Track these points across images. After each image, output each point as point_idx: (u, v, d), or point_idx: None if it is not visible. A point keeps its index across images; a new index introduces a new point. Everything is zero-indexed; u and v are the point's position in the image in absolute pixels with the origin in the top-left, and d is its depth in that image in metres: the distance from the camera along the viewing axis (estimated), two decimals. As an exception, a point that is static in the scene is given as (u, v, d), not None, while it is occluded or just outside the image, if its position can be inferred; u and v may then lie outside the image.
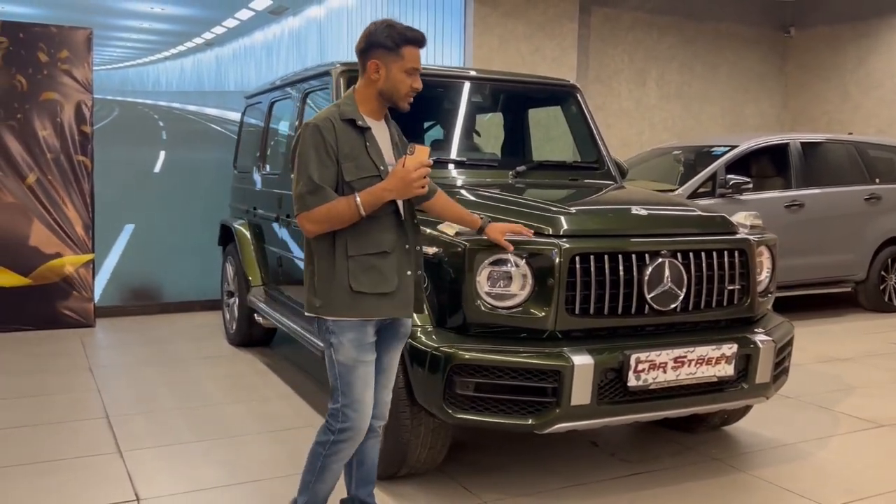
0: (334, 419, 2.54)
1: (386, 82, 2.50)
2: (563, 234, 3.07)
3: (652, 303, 3.12)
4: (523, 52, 8.47)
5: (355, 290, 2.45)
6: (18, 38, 6.29)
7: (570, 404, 2.93)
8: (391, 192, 2.40)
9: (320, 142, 2.42)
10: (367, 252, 2.46)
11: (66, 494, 3.21)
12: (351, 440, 2.56)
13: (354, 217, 2.40)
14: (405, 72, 2.50)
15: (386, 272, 2.49)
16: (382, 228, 2.49)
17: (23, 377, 4.96)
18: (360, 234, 2.45)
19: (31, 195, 6.35)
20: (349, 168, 2.44)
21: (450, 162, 4.29)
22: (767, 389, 3.35)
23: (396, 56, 2.48)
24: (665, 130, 9.84)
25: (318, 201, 2.40)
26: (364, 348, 2.51)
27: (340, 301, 2.46)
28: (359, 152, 2.47)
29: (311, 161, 2.42)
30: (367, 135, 2.50)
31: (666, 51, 9.78)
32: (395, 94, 2.52)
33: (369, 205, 2.40)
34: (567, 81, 4.89)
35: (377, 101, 2.55)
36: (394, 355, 2.71)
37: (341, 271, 2.45)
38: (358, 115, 2.50)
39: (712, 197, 6.88)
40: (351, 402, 2.52)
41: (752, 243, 3.39)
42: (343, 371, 2.51)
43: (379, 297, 2.48)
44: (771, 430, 4.15)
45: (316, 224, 2.42)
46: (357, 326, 2.49)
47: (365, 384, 2.53)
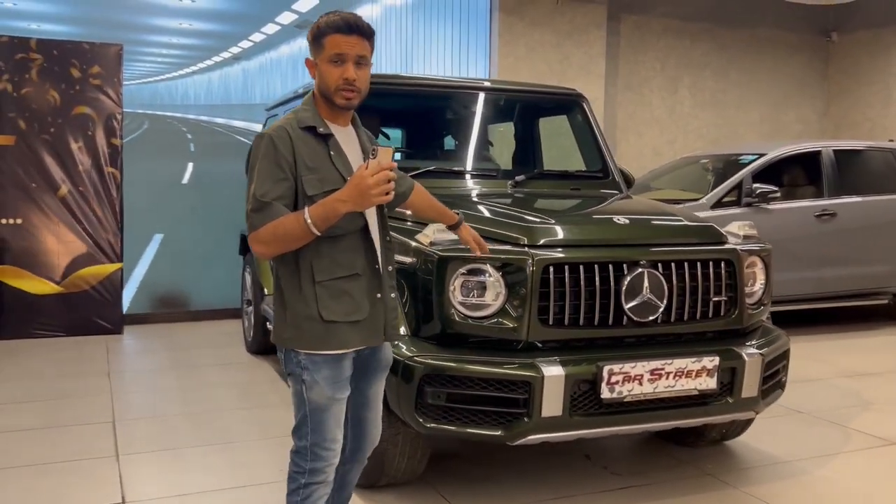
0: (302, 458, 2.30)
1: (319, 79, 2.26)
2: (537, 244, 3.05)
3: (630, 314, 3.08)
4: (550, 61, 8.44)
5: (326, 319, 2.20)
6: (52, 54, 6.53)
7: (542, 416, 2.90)
8: (346, 204, 2.09)
9: (271, 154, 2.18)
10: (337, 276, 2.22)
11: (55, 496, 3.31)
12: (324, 481, 2.32)
13: (306, 235, 2.12)
14: (330, 62, 2.21)
15: (357, 297, 2.25)
16: (351, 248, 2.25)
17: (42, 381, 5.13)
18: (325, 256, 2.21)
19: (63, 206, 6.57)
20: (311, 181, 2.18)
21: (448, 172, 4.30)
22: (756, 404, 3.27)
23: (320, 48, 2.23)
24: (699, 139, 9.68)
25: (263, 220, 2.14)
26: (339, 385, 2.28)
27: (311, 332, 2.22)
28: (321, 163, 2.21)
29: (259, 176, 2.17)
30: (331, 142, 2.26)
31: (699, 57, 9.63)
32: (326, 89, 2.23)
33: (321, 219, 2.10)
34: (573, 90, 4.86)
35: (325, 105, 2.28)
36: (377, 388, 2.50)
37: (309, 299, 2.20)
38: (319, 122, 2.25)
39: (738, 206, 6.74)
40: (322, 440, 2.28)
41: (739, 254, 3.31)
42: (315, 410, 2.26)
43: (351, 326, 2.24)
44: (774, 446, 4.04)
45: (264, 245, 2.16)
46: (332, 361, 2.24)
47: (337, 422, 2.30)
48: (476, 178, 4.31)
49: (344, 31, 2.20)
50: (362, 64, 2.23)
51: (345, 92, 2.22)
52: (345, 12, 2.26)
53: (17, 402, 4.69)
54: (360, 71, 2.22)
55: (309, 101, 2.32)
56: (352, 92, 2.23)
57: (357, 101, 2.27)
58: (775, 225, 6.80)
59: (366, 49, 2.24)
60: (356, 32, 2.22)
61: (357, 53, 2.21)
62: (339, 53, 2.19)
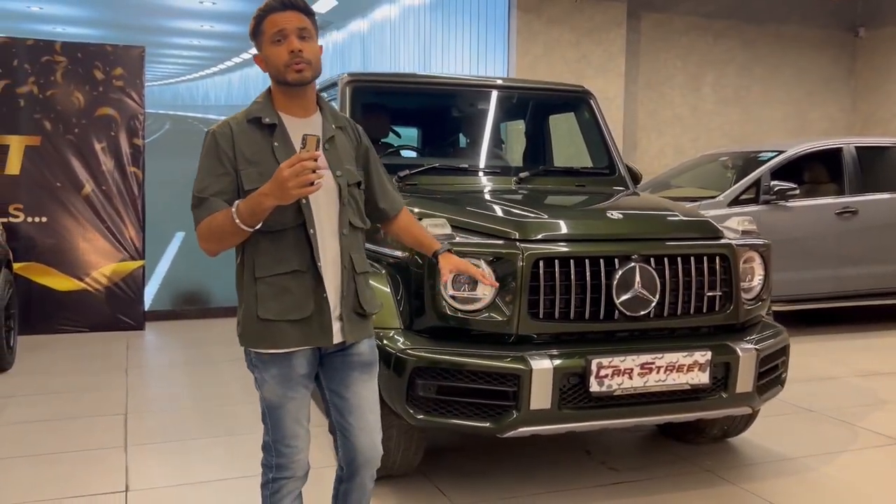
0: (268, 453, 2.29)
1: (268, 67, 2.19)
2: (528, 238, 3.07)
3: (622, 308, 3.09)
4: (569, 60, 8.44)
5: (261, 317, 2.15)
6: (77, 57, 6.69)
7: (530, 409, 2.92)
8: (269, 197, 2.00)
9: (213, 149, 2.15)
10: (276, 272, 2.15)
11: (62, 483, 3.42)
12: (292, 476, 2.28)
13: (237, 230, 2.06)
14: (272, 42, 2.15)
15: (298, 295, 2.16)
16: (289, 244, 2.16)
17: (61, 376, 5.27)
18: (263, 251, 2.15)
19: (87, 205, 6.73)
20: (250, 175, 2.13)
21: (453, 169, 4.34)
22: (751, 399, 3.25)
23: (261, 34, 2.18)
24: (723, 136, 9.59)
25: (201, 215, 2.11)
26: (292, 383, 2.21)
27: (251, 330, 2.18)
28: (263, 156, 2.15)
29: (200, 172, 2.16)
30: (277, 133, 2.18)
31: (723, 54, 9.54)
32: (276, 71, 2.16)
33: (248, 213, 2.03)
34: (580, 87, 4.87)
35: (283, 93, 2.20)
36: (359, 390, 2.31)
37: (250, 296, 2.17)
38: (268, 113, 2.18)
39: (756, 204, 6.67)
40: (281, 437, 2.25)
41: (735, 249, 3.30)
42: (269, 407, 2.24)
43: (290, 325, 2.16)
44: (778, 444, 4.00)
45: (204, 241, 2.13)
46: (279, 360, 2.18)
47: (295, 418, 2.24)
48: (481, 175, 4.34)
49: (280, 10, 2.16)
50: (306, 38, 2.16)
51: (295, 65, 2.13)
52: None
53: (35, 395, 4.82)
54: (305, 44, 2.15)
55: (264, 94, 2.27)
56: (301, 64, 2.13)
57: (309, 73, 2.16)
58: (794, 223, 6.73)
59: (306, 23, 2.18)
60: (292, 8, 2.16)
61: (297, 26, 2.15)
62: (279, 30, 2.14)
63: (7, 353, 5.37)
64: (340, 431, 2.37)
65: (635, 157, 9.17)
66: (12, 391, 4.89)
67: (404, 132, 5.30)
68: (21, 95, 6.55)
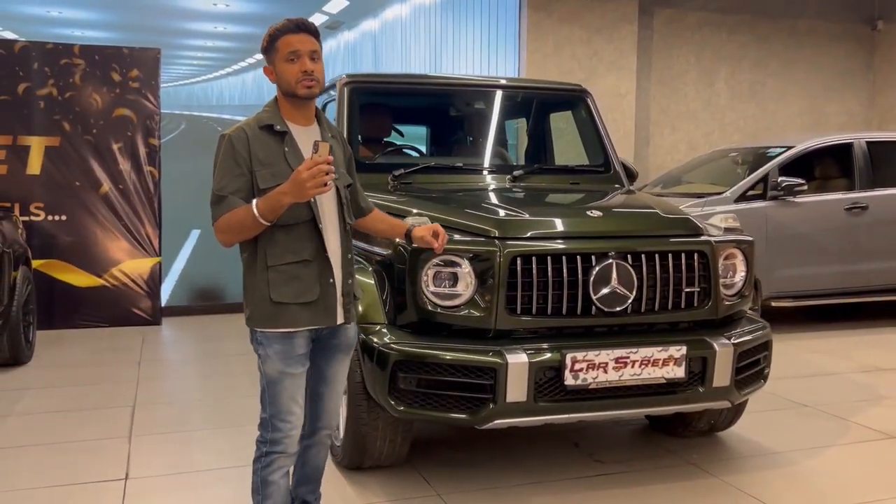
0: (264, 429, 2.54)
1: (279, 81, 2.47)
2: (506, 236, 3.16)
3: (598, 304, 3.16)
4: (580, 57, 8.48)
5: (275, 300, 2.42)
6: (94, 59, 6.89)
7: (506, 401, 3.01)
8: (287, 196, 2.30)
9: (230, 152, 2.41)
10: (287, 262, 2.44)
11: (65, 471, 3.58)
12: (284, 452, 2.53)
13: (256, 225, 2.35)
14: (286, 61, 2.42)
15: (307, 281, 2.46)
16: (299, 237, 2.45)
17: (76, 368, 5.47)
18: (277, 243, 2.43)
19: (105, 203, 6.93)
20: (264, 175, 2.41)
21: (447, 168, 4.44)
22: (729, 394, 3.31)
23: (275, 52, 2.45)
24: (737, 132, 9.57)
25: (220, 211, 2.39)
26: (292, 360, 2.48)
27: (263, 312, 2.45)
28: (275, 159, 2.43)
29: (218, 171, 2.42)
30: (287, 139, 2.47)
31: (736, 49, 9.51)
32: (287, 86, 2.44)
33: (268, 210, 2.32)
34: (577, 86, 4.93)
35: (290, 104, 2.50)
36: (337, 367, 2.67)
37: (262, 282, 2.44)
38: (277, 121, 2.47)
39: (763, 200, 6.68)
40: (278, 412, 2.50)
41: (714, 246, 3.35)
42: (270, 382, 2.50)
43: (301, 307, 2.45)
44: (767, 438, 4.05)
45: (223, 234, 2.41)
46: (283, 338, 2.46)
47: (292, 396, 2.51)
48: (477, 174, 4.43)
49: (294, 31, 2.44)
50: (315, 59, 2.44)
51: (305, 82, 2.42)
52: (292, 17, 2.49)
53: (50, 387, 5.01)
54: (315, 64, 2.44)
55: (272, 104, 2.56)
56: (311, 81, 2.43)
57: (318, 89, 2.46)
58: (802, 218, 6.72)
59: (316, 45, 2.46)
60: (304, 31, 2.45)
61: (309, 49, 2.43)
62: (294, 51, 2.42)
63: (25, 348, 5.57)
64: (310, 398, 2.69)
65: (648, 153, 9.20)
66: (29, 383, 5.08)
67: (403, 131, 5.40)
68: (41, 97, 6.77)
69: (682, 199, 6.85)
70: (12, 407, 4.58)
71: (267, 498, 2.56)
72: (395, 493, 3.36)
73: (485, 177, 4.42)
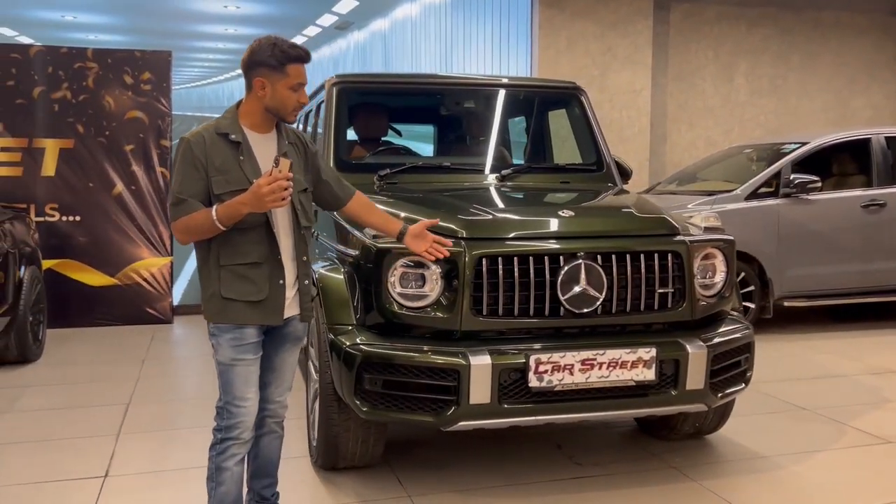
0: (219, 417, 2.65)
1: (272, 99, 2.56)
2: (473, 237, 3.13)
3: (567, 305, 3.12)
4: (593, 53, 8.39)
5: (224, 296, 2.54)
6: (107, 63, 7.02)
7: (470, 403, 2.99)
8: (247, 207, 2.43)
9: (189, 155, 2.51)
10: (238, 262, 2.55)
11: (48, 468, 3.65)
12: (238, 438, 2.63)
13: (214, 228, 2.47)
14: (290, 88, 2.56)
15: (257, 281, 2.56)
16: (252, 241, 2.55)
17: (81, 366, 5.57)
18: (230, 245, 2.54)
19: (118, 204, 7.05)
20: (219, 181, 2.51)
21: (435, 167, 4.42)
22: (704, 397, 3.24)
23: (281, 74, 2.54)
24: (757, 127, 9.37)
25: (180, 212, 2.50)
26: (242, 349, 2.59)
27: (214, 306, 2.58)
28: (230, 166, 2.53)
29: (177, 174, 2.52)
30: (242, 149, 2.56)
31: (757, 43, 9.31)
32: (281, 110, 2.59)
33: (226, 217, 2.45)
34: (571, 83, 4.87)
35: (262, 115, 2.60)
36: (285, 357, 2.77)
37: (214, 279, 2.56)
38: (234, 129, 2.56)
39: (775, 197, 6.54)
40: (232, 398, 2.61)
41: (689, 246, 3.28)
42: (222, 370, 2.62)
43: (248, 305, 2.56)
44: (756, 442, 3.96)
45: (181, 234, 2.54)
46: (233, 329, 2.58)
47: (245, 382, 2.61)
48: (465, 173, 4.39)
49: (305, 62, 2.60)
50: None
51: (295, 112, 2.63)
52: (295, 43, 2.62)
53: (52, 385, 5.12)
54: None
55: (232, 110, 2.64)
56: (299, 110, 2.65)
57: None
58: (816, 216, 6.57)
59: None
60: (308, 62, 2.62)
61: (307, 81, 2.62)
62: (301, 83, 2.59)
63: (34, 346, 5.69)
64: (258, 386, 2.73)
65: (665, 150, 9.07)
66: (32, 381, 5.20)
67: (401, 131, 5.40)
68: (55, 100, 6.91)
69: (693, 197, 6.76)
70: (12, 404, 4.69)
71: (220, 484, 2.65)
72: (366, 495, 3.35)
73: (473, 176, 4.39)
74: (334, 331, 3.24)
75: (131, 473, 3.61)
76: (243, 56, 2.62)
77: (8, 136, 6.82)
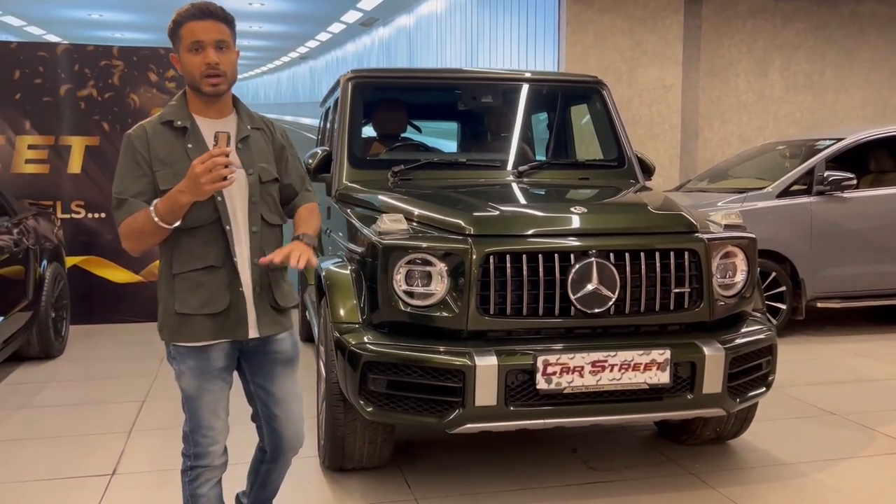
0: (186, 443, 2.41)
1: (184, 71, 2.24)
2: (480, 233, 3.04)
3: (578, 305, 3.01)
4: (622, 48, 8.23)
5: (178, 311, 2.24)
6: (132, 61, 7.05)
7: (475, 405, 2.90)
8: (185, 194, 2.10)
9: (129, 152, 2.23)
10: (192, 268, 2.24)
11: (56, 465, 3.64)
12: (209, 464, 2.40)
13: (156, 228, 2.15)
14: (189, 51, 2.20)
15: (214, 289, 2.25)
16: (205, 241, 2.25)
17: (101, 362, 5.59)
18: (181, 248, 2.24)
19: (143, 201, 7.08)
20: (165, 175, 2.21)
21: (451, 163, 4.34)
22: (721, 401, 3.10)
23: (178, 39, 2.22)
24: (793, 124, 9.13)
25: (121, 216, 2.21)
26: (208, 376, 2.32)
27: (169, 324, 2.28)
28: (178, 157, 2.23)
29: (118, 173, 2.24)
30: (190, 135, 2.26)
31: (792, 38, 9.06)
32: (192, 79, 2.23)
33: (166, 211, 2.12)
34: (592, 77, 4.75)
35: (198, 99, 2.28)
36: (283, 383, 2.46)
37: (168, 292, 2.27)
38: (181, 115, 2.27)
39: (808, 195, 6.34)
40: (197, 427, 2.36)
41: (707, 244, 3.16)
42: (187, 398, 2.36)
43: (206, 318, 2.25)
44: (779, 448, 3.81)
45: (126, 240, 2.23)
46: (196, 353, 2.29)
47: (212, 412, 2.35)
48: (482, 170, 4.29)
49: (198, 18, 2.20)
50: (223, 48, 2.22)
51: (209, 78, 2.20)
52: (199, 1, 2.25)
53: (71, 381, 5.14)
54: (222, 55, 2.21)
55: (180, 96, 2.34)
56: (217, 77, 2.20)
57: (225, 86, 2.25)
58: (852, 214, 6.35)
59: (224, 34, 2.22)
60: (211, 17, 2.21)
61: (214, 38, 2.19)
62: (197, 41, 2.19)
63: (56, 342, 5.73)
64: (266, 421, 2.53)
65: (697, 147, 8.87)
66: (52, 376, 5.22)
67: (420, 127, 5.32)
68: (82, 98, 6.96)
69: (723, 195, 6.58)
70: (30, 399, 4.71)
71: None
72: (373, 497, 3.28)
73: (490, 173, 4.29)
74: (340, 329, 3.17)
75: (139, 472, 3.58)
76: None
77: (35, 133, 6.88)
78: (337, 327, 3.20)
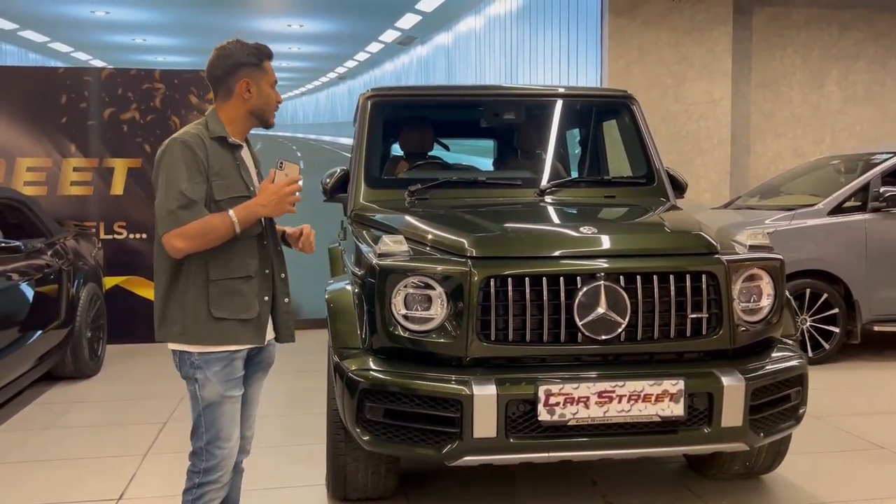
0: (198, 458, 2.43)
1: (258, 99, 2.44)
2: (480, 256, 2.90)
3: (585, 331, 2.84)
4: (667, 62, 7.99)
5: (216, 316, 2.35)
6: (173, 83, 7.15)
7: (474, 437, 2.75)
8: (265, 209, 2.37)
9: (190, 157, 2.32)
10: (231, 276, 2.38)
11: (65, 488, 3.62)
12: (218, 481, 2.44)
13: (229, 233, 2.32)
14: (271, 86, 2.50)
15: (248, 297, 2.41)
16: (247, 252, 2.42)
17: (133, 383, 5.61)
18: (222, 257, 2.36)
19: (183, 222, 7.15)
20: (219, 186, 2.37)
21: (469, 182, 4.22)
22: (743, 435, 2.87)
23: (262, 72, 2.45)
24: (851, 137, 8.72)
25: (191, 217, 2.29)
26: (232, 383, 2.42)
27: (201, 329, 2.35)
28: (229, 171, 2.41)
29: (182, 176, 2.31)
30: (238, 154, 2.47)
31: (850, 48, 8.68)
32: (266, 109, 2.49)
33: (244, 220, 2.34)
34: (621, 92, 4.58)
35: (245, 122, 2.48)
36: (257, 388, 2.66)
37: (201, 296, 2.35)
38: (228, 134, 2.44)
39: (863, 212, 6.01)
40: (216, 437, 2.41)
41: (727, 266, 2.95)
42: (209, 407, 2.40)
43: (239, 324, 2.39)
44: (817, 484, 3.54)
45: (188, 241, 2.29)
46: (224, 359, 2.39)
47: (231, 420, 2.44)
48: (503, 188, 4.15)
49: (272, 59, 2.53)
50: None
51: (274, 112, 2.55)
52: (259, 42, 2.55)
53: (100, 401, 5.17)
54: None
55: (214, 114, 2.47)
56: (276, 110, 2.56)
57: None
58: (912, 233, 5.98)
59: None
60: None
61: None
62: (276, 80, 2.52)
63: (91, 362, 5.78)
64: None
65: (749, 162, 8.55)
66: (82, 396, 5.26)
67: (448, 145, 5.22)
68: (124, 121, 7.08)
69: (772, 212, 6.29)
70: (56, 420, 4.74)
71: None
72: (375, 529, 3.16)
73: (512, 191, 4.14)
74: (340, 354, 3.07)
75: (145, 497, 3.53)
76: (211, 64, 2.47)
77: (80, 156, 7.03)
78: (337, 351, 3.10)
